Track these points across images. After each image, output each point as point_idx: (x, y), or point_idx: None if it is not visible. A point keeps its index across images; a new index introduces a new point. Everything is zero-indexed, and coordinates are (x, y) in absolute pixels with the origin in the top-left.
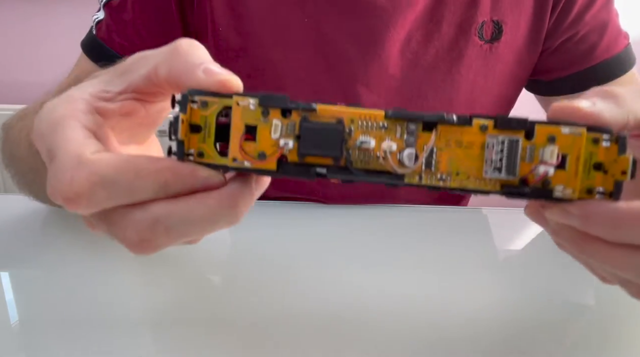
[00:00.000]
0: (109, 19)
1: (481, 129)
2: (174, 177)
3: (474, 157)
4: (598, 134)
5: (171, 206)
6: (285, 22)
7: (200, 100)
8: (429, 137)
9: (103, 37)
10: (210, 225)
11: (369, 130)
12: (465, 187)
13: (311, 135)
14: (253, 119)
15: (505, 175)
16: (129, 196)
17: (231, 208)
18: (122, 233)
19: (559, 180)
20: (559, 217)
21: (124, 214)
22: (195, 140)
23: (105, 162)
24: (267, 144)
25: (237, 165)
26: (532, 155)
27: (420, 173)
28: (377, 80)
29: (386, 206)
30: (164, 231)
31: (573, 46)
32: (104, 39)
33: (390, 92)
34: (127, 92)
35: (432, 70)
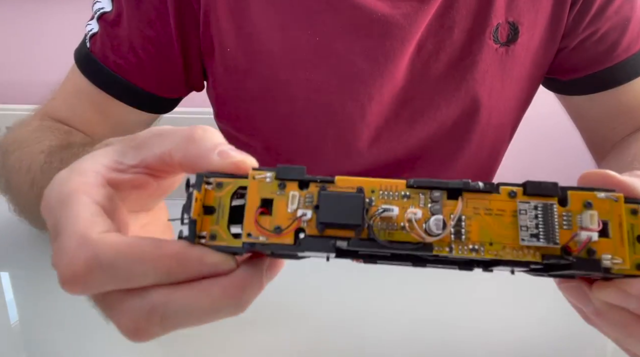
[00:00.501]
0: (104, 34)
1: (510, 196)
2: (179, 265)
3: (506, 225)
4: (636, 205)
5: (171, 294)
6: (296, 41)
7: (215, 181)
8: (455, 205)
9: (97, 54)
10: (210, 316)
11: (391, 200)
12: (501, 258)
13: (330, 204)
14: (269, 192)
15: (544, 242)
16: (129, 281)
17: (236, 299)
18: (117, 319)
19: (605, 249)
20: (614, 297)
21: (121, 299)
22: (208, 223)
23: (108, 245)
24: (284, 218)
25: (252, 241)
26: (570, 222)
27: (449, 243)
28: (390, 96)
29: None
30: (159, 320)
31: (592, 45)
32: (99, 56)
33: (401, 105)
34: (140, 167)
35: (444, 79)
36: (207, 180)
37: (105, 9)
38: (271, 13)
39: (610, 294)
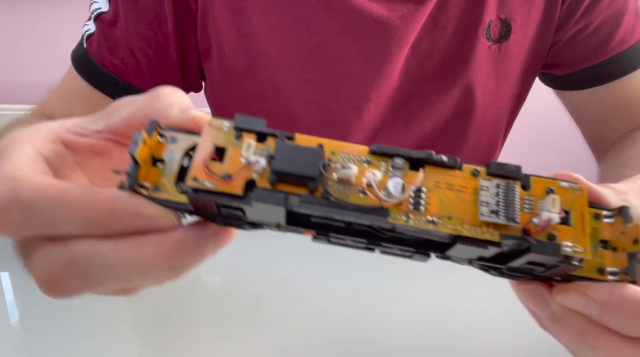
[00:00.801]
0: (101, 34)
1: (473, 174)
2: (110, 215)
3: (467, 201)
4: (598, 210)
5: (95, 245)
6: (293, 43)
7: (169, 135)
8: (416, 176)
9: (94, 55)
10: (138, 275)
11: (351, 163)
12: (459, 234)
13: (287, 154)
14: (224, 141)
15: (504, 220)
16: (50, 227)
17: (170, 260)
18: (33, 268)
19: (566, 237)
20: (575, 301)
21: (40, 246)
22: (154, 175)
23: (31, 184)
24: (236, 166)
25: (197, 186)
26: (532, 206)
27: (407, 212)
28: (386, 96)
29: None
30: (79, 272)
31: (585, 39)
32: (95, 56)
33: (397, 105)
34: (104, 132)
35: (438, 78)
36: (160, 132)
37: (103, 9)
38: (269, 14)
39: (571, 298)
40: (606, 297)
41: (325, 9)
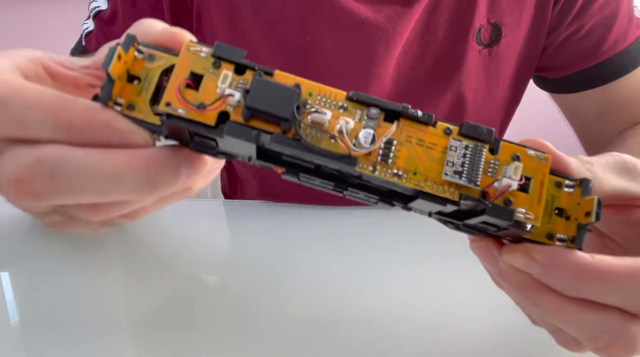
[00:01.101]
0: (99, 32)
1: (445, 132)
2: (83, 124)
3: (434, 159)
4: (561, 178)
5: (67, 150)
6: (285, 40)
7: (147, 52)
8: (390, 128)
9: (92, 51)
10: (111, 184)
11: (327, 107)
12: (421, 189)
13: (262, 91)
14: (201, 67)
15: (465, 181)
16: (20, 127)
17: (143, 171)
18: (2, 169)
19: (521, 203)
20: (519, 261)
21: (9, 146)
22: (129, 92)
23: (5, 81)
24: (210, 96)
25: (170, 111)
26: (495, 170)
27: (375, 163)
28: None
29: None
30: (48, 174)
31: (577, 42)
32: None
33: None
34: (90, 68)
35: (430, 81)
36: (138, 47)
37: (101, 7)
38: (262, 11)
39: (515, 258)
40: (547, 260)
41: (315, 8)
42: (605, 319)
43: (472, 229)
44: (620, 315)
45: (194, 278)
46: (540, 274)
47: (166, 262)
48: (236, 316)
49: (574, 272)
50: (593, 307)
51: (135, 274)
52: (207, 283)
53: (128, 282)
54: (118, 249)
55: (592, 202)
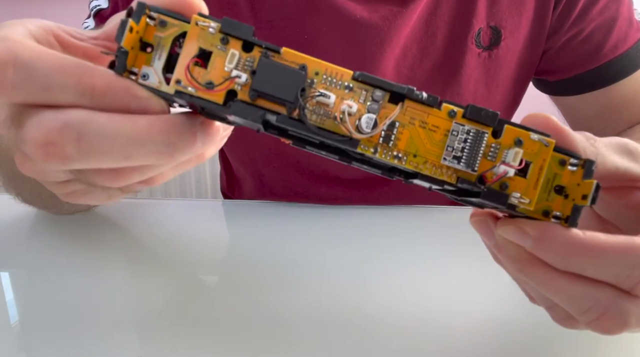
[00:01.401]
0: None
1: (449, 115)
2: (105, 86)
3: (435, 141)
4: (566, 156)
5: (92, 114)
6: (284, 38)
7: (159, 18)
8: (394, 110)
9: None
10: (134, 147)
11: (332, 87)
12: (419, 171)
13: (269, 73)
14: (209, 44)
15: (463, 167)
16: (45, 92)
17: (164, 134)
18: (27, 133)
19: (518, 187)
20: (512, 234)
21: (34, 111)
22: (142, 60)
23: (29, 46)
24: (219, 75)
25: (180, 89)
26: (496, 154)
27: (376, 145)
28: None
29: (390, 207)
30: (75, 137)
31: (577, 45)
32: None
33: None
34: (100, 39)
35: (429, 84)
36: (149, 14)
37: (102, 5)
38: (260, 9)
39: (509, 232)
40: (539, 234)
41: (311, 7)
42: (596, 293)
43: (471, 204)
44: (612, 290)
45: (194, 277)
46: (533, 247)
47: (166, 262)
48: (235, 315)
49: (563, 246)
50: (584, 280)
51: (135, 273)
52: (206, 282)
53: (128, 282)
54: (118, 249)
55: (591, 185)
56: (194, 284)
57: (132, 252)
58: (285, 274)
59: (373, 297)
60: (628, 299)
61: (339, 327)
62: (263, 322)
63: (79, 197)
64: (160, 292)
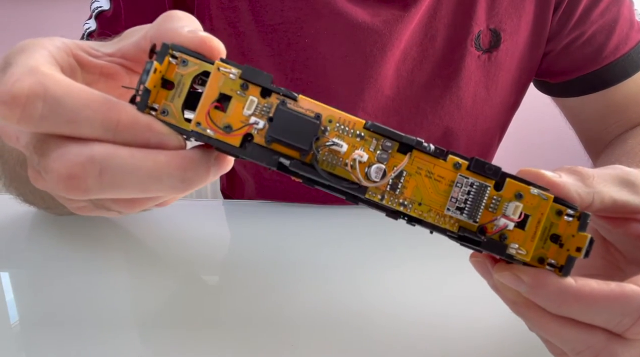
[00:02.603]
0: (101, 31)
1: (454, 167)
2: (129, 121)
3: (440, 191)
4: (563, 207)
5: (114, 148)
6: (284, 43)
7: (180, 57)
8: (402, 159)
9: None
10: (152, 182)
11: (345, 135)
12: (423, 219)
13: (285, 121)
14: (230, 89)
15: (466, 218)
16: (71, 125)
17: (181, 170)
18: (51, 164)
19: (516, 238)
20: (508, 280)
21: (59, 143)
22: (162, 97)
23: (59, 80)
24: (237, 119)
25: (199, 131)
26: (497, 206)
27: (383, 192)
28: (374, 103)
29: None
30: (98, 172)
31: (579, 48)
32: None
33: (387, 113)
34: (116, 56)
35: (429, 87)
36: (172, 53)
37: (103, 7)
38: (261, 13)
39: (505, 277)
40: (533, 281)
41: (312, 12)
42: (588, 337)
43: (470, 247)
44: (604, 334)
45: (194, 277)
46: (527, 293)
47: (166, 262)
48: (236, 315)
49: (556, 294)
50: (577, 325)
51: (135, 273)
52: (206, 282)
53: (128, 282)
54: (118, 249)
55: (585, 239)
56: (194, 284)
57: (133, 252)
58: (286, 274)
59: (373, 297)
60: (619, 343)
61: (339, 327)
62: (263, 322)
63: (89, 211)
64: (160, 292)
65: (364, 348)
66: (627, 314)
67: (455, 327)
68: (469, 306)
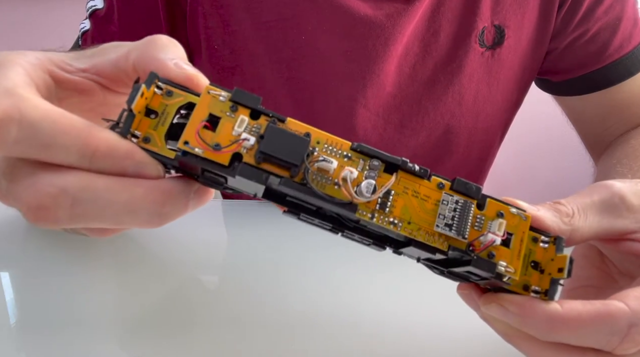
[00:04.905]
0: (95, 30)
1: (438, 187)
2: (106, 149)
3: (427, 210)
4: (537, 234)
5: (88, 179)
6: (281, 40)
7: (166, 88)
8: (389, 179)
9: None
10: (125, 216)
11: (333, 155)
12: (414, 238)
13: (276, 138)
14: (219, 110)
15: (454, 234)
16: (46, 151)
17: (157, 205)
18: (20, 193)
19: (503, 256)
20: (495, 312)
21: (32, 171)
22: (146, 125)
23: (36, 104)
24: (226, 138)
25: (187, 150)
26: (482, 225)
27: (373, 211)
28: (375, 100)
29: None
30: (69, 204)
31: (582, 46)
32: None
33: (389, 110)
34: (90, 72)
35: (432, 83)
36: (158, 84)
37: (98, 6)
38: (256, 11)
39: (492, 309)
40: (519, 311)
41: (312, 6)
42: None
43: (457, 277)
44: (596, 354)
45: (193, 278)
46: (516, 324)
47: (165, 262)
48: (235, 315)
49: (544, 322)
50: (569, 349)
51: (134, 274)
52: (205, 283)
53: (127, 283)
54: (117, 250)
55: (565, 259)
56: (193, 284)
57: (131, 252)
58: (285, 274)
59: (375, 298)
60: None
61: (338, 328)
62: (263, 322)
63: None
64: (159, 293)
65: (363, 348)
66: (614, 332)
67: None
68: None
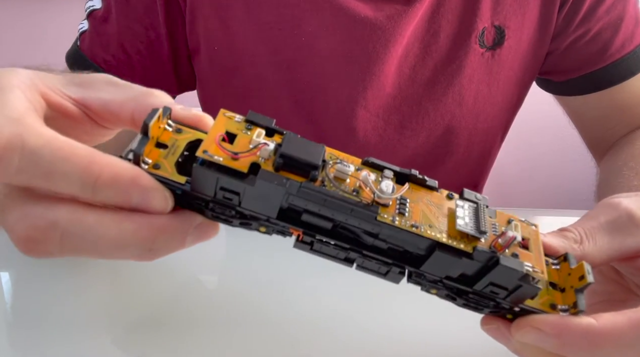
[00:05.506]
0: (93, 31)
1: (448, 197)
2: (110, 177)
3: (445, 215)
4: (546, 258)
5: (79, 212)
6: (280, 41)
7: (175, 126)
8: (402, 188)
9: (86, 51)
10: (115, 251)
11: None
12: (439, 240)
13: (294, 143)
14: (235, 128)
15: (477, 233)
16: (48, 179)
17: (147, 242)
18: (12, 223)
19: (526, 259)
20: (531, 337)
21: (24, 201)
22: (156, 154)
23: (39, 132)
24: (244, 148)
25: (207, 158)
26: (497, 230)
27: (394, 215)
28: (375, 101)
29: None
30: (59, 237)
31: (584, 46)
32: (87, 53)
33: (389, 111)
34: (79, 103)
35: (432, 84)
36: (168, 122)
37: (96, 6)
38: (256, 12)
39: (526, 335)
40: (555, 330)
41: (312, 7)
42: None
43: (480, 298)
44: None
45: (192, 278)
46: (554, 347)
47: (164, 262)
48: (234, 316)
49: (586, 341)
50: None
51: (134, 274)
52: (204, 283)
53: (127, 283)
54: None
55: (583, 267)
56: (193, 285)
57: None
58: (285, 275)
59: (373, 298)
60: None
61: (338, 329)
62: (262, 323)
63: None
64: (159, 293)
65: (363, 348)
66: None
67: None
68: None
